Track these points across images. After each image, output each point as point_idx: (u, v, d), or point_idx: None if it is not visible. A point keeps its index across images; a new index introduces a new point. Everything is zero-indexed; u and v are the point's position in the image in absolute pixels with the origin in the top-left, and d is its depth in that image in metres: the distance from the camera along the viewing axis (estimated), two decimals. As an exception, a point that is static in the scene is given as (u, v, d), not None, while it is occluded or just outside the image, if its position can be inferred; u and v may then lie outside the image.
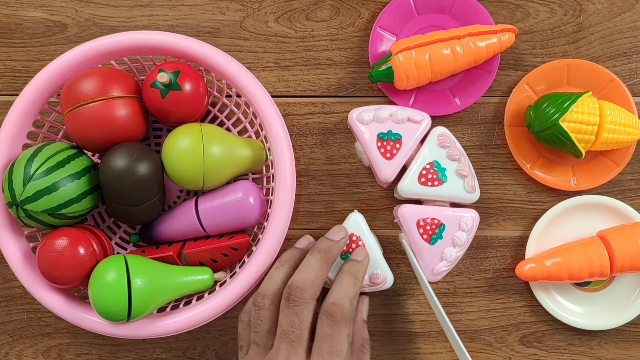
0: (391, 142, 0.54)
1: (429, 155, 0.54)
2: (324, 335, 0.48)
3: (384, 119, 0.54)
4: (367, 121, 0.54)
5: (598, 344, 0.60)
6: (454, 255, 0.55)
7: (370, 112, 0.54)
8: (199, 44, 0.54)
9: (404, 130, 0.54)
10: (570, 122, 0.54)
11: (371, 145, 0.54)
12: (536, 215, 0.59)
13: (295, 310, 0.48)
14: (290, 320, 0.48)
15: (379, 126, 0.54)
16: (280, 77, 0.60)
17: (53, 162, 0.51)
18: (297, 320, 0.48)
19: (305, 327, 0.48)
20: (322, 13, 0.60)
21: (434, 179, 0.54)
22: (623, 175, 0.59)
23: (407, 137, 0.54)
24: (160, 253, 0.56)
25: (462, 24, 0.58)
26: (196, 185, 0.53)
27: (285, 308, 0.49)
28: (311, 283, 0.49)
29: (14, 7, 0.60)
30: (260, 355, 0.49)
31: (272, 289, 0.50)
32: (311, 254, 0.51)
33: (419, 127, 0.54)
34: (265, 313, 0.50)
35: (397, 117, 0.54)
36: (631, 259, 0.55)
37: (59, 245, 0.51)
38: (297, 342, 0.48)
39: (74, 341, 0.60)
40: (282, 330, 0.48)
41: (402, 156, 0.54)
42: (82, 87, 0.51)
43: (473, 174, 0.55)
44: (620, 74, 0.59)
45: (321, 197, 0.60)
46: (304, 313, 0.48)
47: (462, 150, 0.55)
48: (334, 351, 0.48)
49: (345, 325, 0.49)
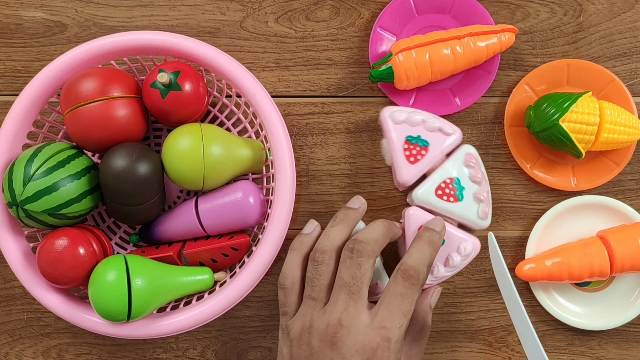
0: (418, 147, 0.54)
1: (452, 171, 0.54)
2: (397, 293, 0.48)
3: (415, 123, 0.54)
4: (399, 121, 0.54)
5: (598, 344, 0.60)
6: (441, 274, 0.54)
7: (404, 113, 0.54)
8: (199, 44, 0.54)
9: (433, 139, 0.54)
10: (570, 122, 0.54)
11: (398, 145, 0.54)
12: (536, 215, 0.59)
13: (358, 262, 0.48)
14: (353, 271, 0.48)
15: (409, 129, 0.54)
16: (280, 77, 0.60)
17: (53, 162, 0.51)
18: (359, 273, 0.48)
19: (365, 281, 0.48)
20: (322, 13, 0.60)
21: (450, 195, 0.54)
22: (623, 175, 0.59)
23: (434, 146, 0.54)
24: (160, 253, 0.56)
25: (462, 24, 0.58)
26: (196, 186, 0.53)
27: (348, 259, 0.49)
28: (375, 239, 0.50)
29: (14, 7, 0.60)
30: (316, 309, 0.49)
31: (331, 245, 0.50)
32: (375, 221, 0.52)
33: (448, 140, 0.54)
34: (324, 268, 0.50)
35: (429, 125, 0.54)
36: (631, 259, 0.55)
37: (59, 246, 0.51)
38: (357, 295, 0.48)
39: (74, 341, 0.60)
40: (343, 282, 0.48)
41: (425, 163, 0.54)
42: (82, 87, 0.51)
43: (489, 202, 0.54)
44: (620, 74, 0.59)
45: (321, 197, 0.60)
46: (365, 266, 0.48)
47: (485, 175, 0.55)
48: (403, 309, 0.48)
49: (419, 289, 0.49)
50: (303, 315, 0.49)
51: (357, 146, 0.60)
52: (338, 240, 0.51)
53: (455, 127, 0.55)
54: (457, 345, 0.60)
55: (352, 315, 0.47)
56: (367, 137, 0.60)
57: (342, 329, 0.47)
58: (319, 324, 0.48)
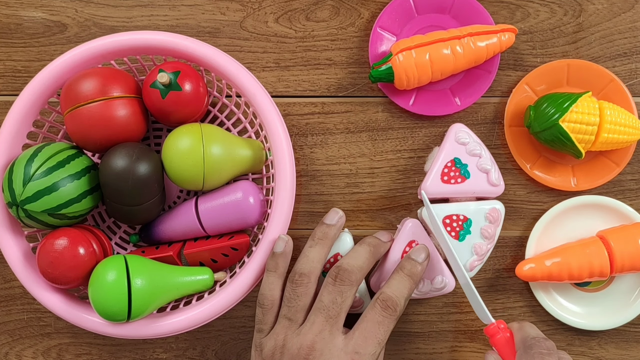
0: (459, 172, 0.54)
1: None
2: (374, 321, 0.49)
3: (472, 153, 0.54)
4: (460, 142, 0.54)
5: (598, 344, 0.60)
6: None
7: (470, 139, 0.54)
8: (199, 44, 0.54)
9: (476, 177, 0.54)
10: (570, 122, 0.54)
11: (442, 159, 0.55)
12: (536, 215, 0.59)
13: (341, 289, 0.49)
14: (333, 297, 0.49)
15: (464, 154, 0.54)
16: (280, 77, 0.60)
17: (53, 162, 0.51)
18: (340, 299, 0.49)
19: (344, 308, 0.49)
20: (322, 13, 0.60)
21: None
22: (623, 175, 0.59)
23: (472, 183, 0.54)
24: (160, 253, 0.56)
25: (462, 24, 0.58)
26: (196, 186, 0.53)
27: (331, 285, 0.49)
28: (359, 269, 0.50)
29: (14, 7, 0.60)
30: (291, 329, 0.49)
31: (310, 267, 0.51)
32: (361, 245, 0.53)
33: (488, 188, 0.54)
34: (302, 290, 0.50)
35: (481, 163, 0.54)
36: (631, 259, 0.55)
37: (59, 246, 0.51)
38: (334, 319, 0.48)
39: (74, 341, 0.60)
40: (322, 305, 0.49)
41: (452, 190, 0.54)
42: (82, 87, 0.51)
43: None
44: (620, 74, 0.59)
45: (321, 197, 0.60)
46: (347, 294, 0.49)
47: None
48: (378, 337, 0.48)
49: (395, 320, 0.49)
50: (277, 335, 0.50)
51: (357, 146, 0.60)
52: (317, 262, 0.51)
53: (502, 182, 0.55)
54: (457, 346, 0.60)
55: (327, 338, 0.48)
56: (367, 137, 0.60)
57: (314, 351, 0.47)
58: (292, 345, 0.48)
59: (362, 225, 0.60)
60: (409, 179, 0.60)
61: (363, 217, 0.60)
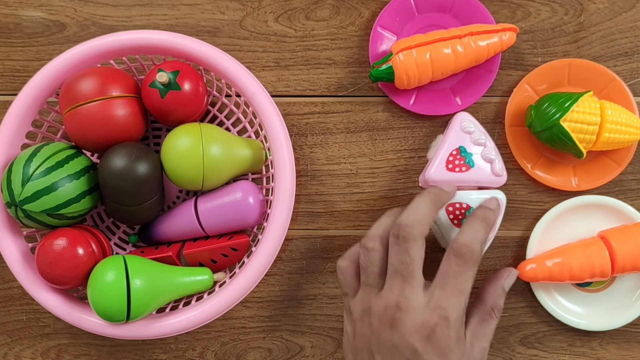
0: (463, 161, 0.54)
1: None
2: (450, 272, 0.48)
3: (477, 142, 0.54)
4: (465, 130, 0.54)
5: (599, 344, 0.60)
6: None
7: (475, 128, 0.54)
8: (199, 43, 0.54)
9: (480, 166, 0.54)
10: (571, 122, 0.54)
11: (447, 147, 0.54)
12: (537, 215, 0.59)
13: (405, 247, 0.48)
14: (401, 257, 0.48)
15: (469, 143, 0.54)
16: (280, 76, 0.60)
17: (52, 162, 0.51)
18: (408, 258, 0.48)
19: (417, 264, 0.48)
20: (322, 12, 0.59)
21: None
22: (624, 175, 0.59)
23: (475, 172, 0.54)
24: (160, 253, 0.56)
25: (462, 23, 0.58)
26: (195, 186, 0.53)
27: (395, 246, 0.48)
28: (420, 220, 0.49)
29: (12, 6, 0.60)
30: (373, 293, 0.49)
31: (381, 231, 0.50)
32: (420, 195, 0.51)
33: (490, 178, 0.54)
34: (376, 255, 0.50)
35: (485, 152, 0.54)
36: (632, 260, 0.55)
37: (57, 246, 0.51)
38: (410, 277, 0.48)
39: (73, 342, 0.60)
40: (394, 268, 0.48)
41: (456, 178, 0.54)
42: (81, 86, 0.51)
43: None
44: (621, 74, 0.59)
45: (321, 197, 0.60)
46: (414, 249, 0.48)
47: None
48: (459, 288, 0.47)
49: (473, 267, 0.48)
50: (362, 299, 0.50)
51: (357, 146, 0.59)
52: (390, 226, 0.50)
53: (505, 172, 0.54)
54: (457, 346, 0.60)
55: (409, 297, 0.47)
56: (367, 137, 0.59)
57: (399, 311, 0.47)
58: (378, 307, 0.48)
59: (362, 225, 0.60)
60: (409, 179, 0.59)
61: (364, 217, 0.59)
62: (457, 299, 0.47)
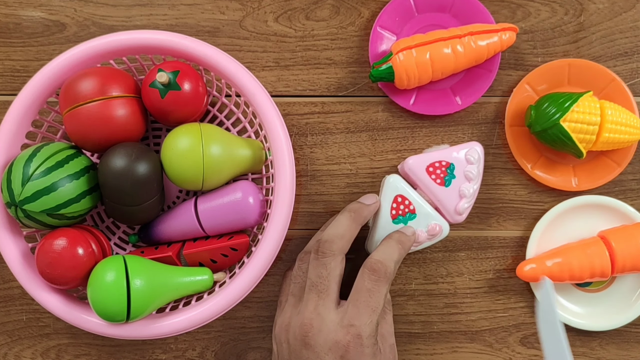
0: (444, 176, 0.54)
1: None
2: (364, 289, 0.49)
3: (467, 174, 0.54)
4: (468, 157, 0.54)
5: (599, 344, 0.60)
6: (472, 190, 0.54)
7: (476, 163, 0.54)
8: (198, 43, 0.54)
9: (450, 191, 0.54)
10: (571, 122, 0.54)
11: (443, 156, 0.54)
12: (537, 215, 0.59)
13: (323, 262, 0.49)
14: (318, 271, 0.49)
15: (461, 168, 0.54)
16: (280, 76, 0.60)
17: (52, 162, 0.51)
18: (325, 272, 0.49)
19: (333, 279, 0.49)
20: (322, 12, 0.59)
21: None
22: (624, 175, 0.59)
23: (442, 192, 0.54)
24: (160, 253, 0.55)
25: (462, 23, 0.58)
26: (195, 186, 0.53)
27: (314, 260, 0.50)
28: (340, 237, 0.50)
29: (12, 6, 0.60)
30: (295, 307, 0.51)
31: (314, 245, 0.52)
32: (341, 213, 0.53)
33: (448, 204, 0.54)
34: (305, 266, 0.51)
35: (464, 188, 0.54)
36: (632, 260, 0.55)
37: (57, 246, 0.51)
38: (325, 293, 0.49)
39: (73, 342, 0.60)
40: (311, 282, 0.49)
41: (426, 181, 0.54)
42: (81, 86, 0.51)
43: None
44: (621, 74, 0.59)
45: (321, 197, 0.60)
46: (331, 265, 0.49)
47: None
48: (371, 305, 0.48)
49: (386, 284, 0.49)
50: (285, 313, 0.51)
51: (357, 146, 0.59)
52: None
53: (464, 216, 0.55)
54: (457, 346, 0.60)
55: (322, 314, 0.48)
56: (367, 137, 0.59)
57: (312, 329, 0.48)
58: (295, 324, 0.49)
59: (362, 225, 0.60)
60: (409, 179, 0.59)
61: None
62: (369, 316, 0.48)
